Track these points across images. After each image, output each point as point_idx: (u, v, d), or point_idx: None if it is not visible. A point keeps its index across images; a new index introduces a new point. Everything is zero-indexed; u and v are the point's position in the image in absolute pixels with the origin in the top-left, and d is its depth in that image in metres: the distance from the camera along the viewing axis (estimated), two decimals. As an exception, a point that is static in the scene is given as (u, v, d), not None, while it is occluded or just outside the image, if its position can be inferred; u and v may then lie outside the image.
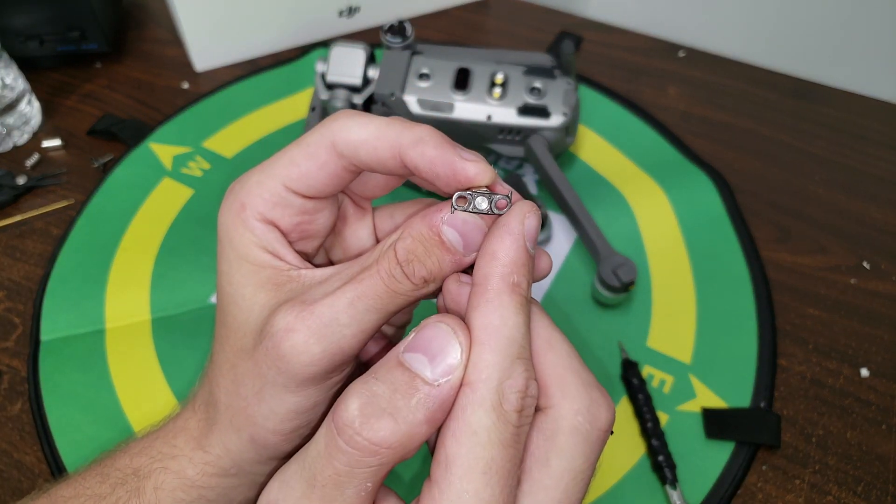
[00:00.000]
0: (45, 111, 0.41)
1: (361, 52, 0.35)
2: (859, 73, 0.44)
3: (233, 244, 0.15)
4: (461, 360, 0.12)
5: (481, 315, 0.13)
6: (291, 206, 0.15)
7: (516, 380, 0.12)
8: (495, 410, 0.12)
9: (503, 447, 0.12)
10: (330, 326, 0.14)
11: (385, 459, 0.12)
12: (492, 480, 0.12)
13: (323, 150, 0.15)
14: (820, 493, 0.27)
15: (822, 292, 0.33)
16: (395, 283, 0.14)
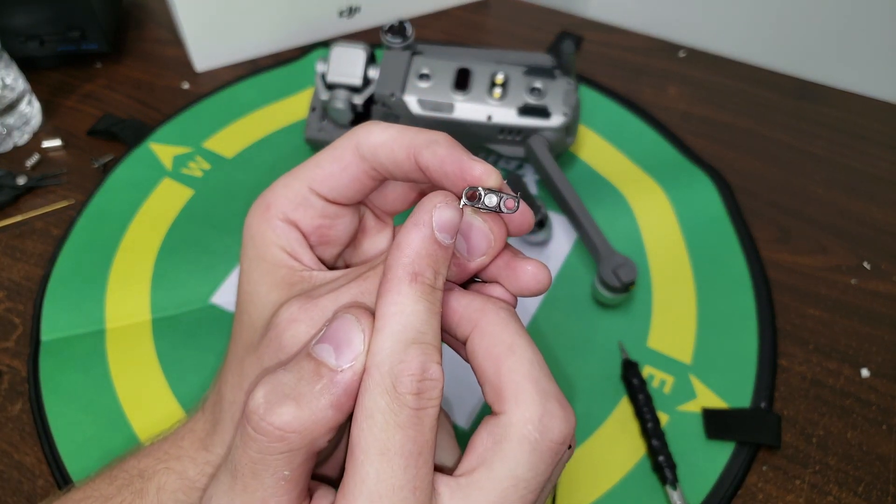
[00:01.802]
0: (46, 111, 0.41)
1: (362, 52, 0.35)
2: (860, 74, 0.44)
3: (254, 242, 0.16)
4: (363, 347, 0.13)
5: (380, 304, 0.13)
6: (313, 208, 0.16)
7: (409, 363, 0.13)
8: (388, 393, 0.12)
9: (400, 429, 0.12)
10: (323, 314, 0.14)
11: (294, 445, 0.12)
12: (392, 462, 0.12)
13: (347, 152, 0.15)
14: (820, 494, 0.27)
15: (822, 292, 0.33)
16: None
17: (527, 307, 0.32)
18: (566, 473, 0.27)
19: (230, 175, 0.37)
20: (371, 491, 0.12)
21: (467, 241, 0.14)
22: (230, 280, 0.32)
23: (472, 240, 0.14)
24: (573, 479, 0.27)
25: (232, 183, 0.37)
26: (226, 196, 0.37)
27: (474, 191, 0.14)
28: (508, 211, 0.14)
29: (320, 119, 0.37)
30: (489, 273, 0.15)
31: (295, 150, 0.39)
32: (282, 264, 0.15)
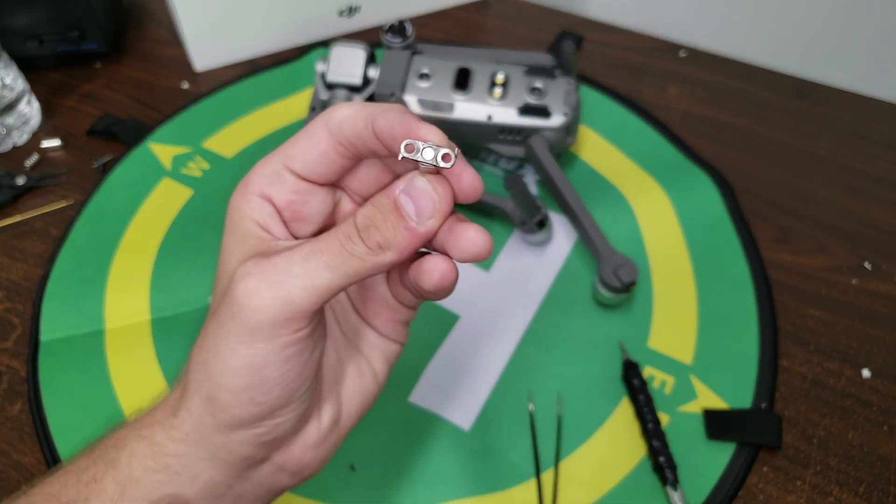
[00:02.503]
0: (45, 111, 0.41)
1: (361, 51, 0.35)
2: (860, 74, 0.44)
3: (231, 217, 0.17)
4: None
5: None
6: (287, 184, 0.17)
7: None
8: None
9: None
10: (282, 275, 0.15)
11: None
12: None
13: (318, 130, 0.16)
14: (821, 494, 0.27)
15: (823, 293, 0.33)
16: (350, 245, 0.15)
17: (527, 307, 0.32)
18: (568, 473, 0.27)
19: (230, 175, 0.37)
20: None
21: (414, 202, 0.15)
22: (230, 280, 0.32)
23: (418, 201, 0.15)
24: (574, 480, 0.27)
25: (231, 183, 0.37)
26: (225, 196, 0.36)
27: (413, 144, 0.14)
28: (445, 164, 0.14)
29: (320, 119, 0.37)
30: (437, 242, 0.16)
31: (295, 150, 0.39)
32: (252, 235, 0.16)
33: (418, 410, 0.28)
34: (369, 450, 0.27)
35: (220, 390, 0.15)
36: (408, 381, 0.29)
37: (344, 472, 0.26)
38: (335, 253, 0.15)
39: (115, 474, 0.16)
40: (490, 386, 0.29)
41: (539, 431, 0.28)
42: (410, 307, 0.18)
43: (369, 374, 0.18)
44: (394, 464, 0.27)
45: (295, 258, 0.15)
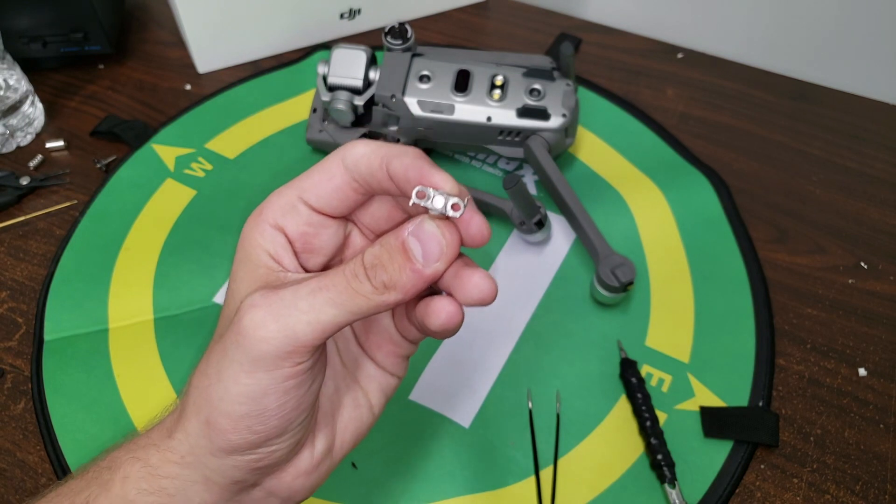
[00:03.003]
0: (49, 112, 0.42)
1: (363, 54, 0.35)
2: (857, 75, 0.44)
3: (243, 244, 0.17)
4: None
5: None
6: (300, 216, 0.17)
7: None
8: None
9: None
10: (288, 308, 0.15)
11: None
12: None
13: (334, 165, 0.17)
14: (818, 492, 0.27)
15: (819, 292, 0.33)
16: (357, 283, 0.15)
17: (526, 306, 0.32)
18: (566, 470, 0.27)
19: (232, 175, 0.38)
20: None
21: (422, 245, 0.15)
22: (232, 280, 0.33)
23: (426, 244, 0.15)
24: (572, 478, 0.27)
25: (234, 183, 0.37)
26: (228, 196, 0.37)
27: (424, 191, 0.15)
28: (454, 213, 0.15)
29: (321, 120, 0.37)
30: (443, 283, 0.16)
31: (296, 151, 0.39)
32: (262, 264, 0.17)
33: (419, 408, 0.29)
34: (370, 447, 0.27)
35: (219, 416, 0.15)
36: (408, 379, 0.29)
37: (345, 470, 0.27)
38: (341, 290, 0.15)
39: (109, 496, 0.16)
40: (489, 384, 0.29)
41: (538, 429, 0.28)
42: (413, 342, 0.19)
43: (365, 406, 0.18)
44: (394, 461, 0.27)
45: (301, 293, 0.15)
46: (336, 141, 0.37)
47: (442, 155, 0.39)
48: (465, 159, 0.39)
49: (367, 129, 0.37)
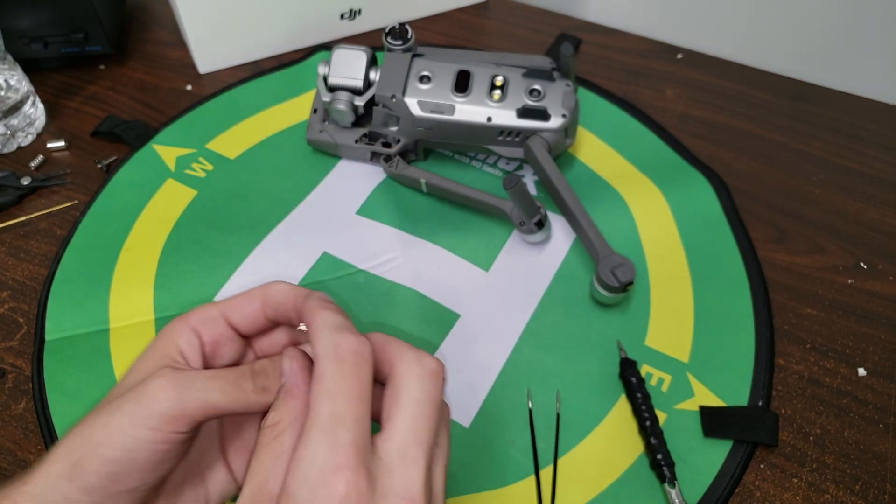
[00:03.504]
0: (50, 113, 0.42)
1: (363, 54, 0.35)
2: (856, 75, 0.44)
3: (161, 337, 0.20)
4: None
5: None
6: (217, 327, 0.21)
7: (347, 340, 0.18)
8: (333, 359, 0.17)
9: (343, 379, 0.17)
10: (187, 383, 0.18)
11: None
12: (337, 400, 0.17)
13: (257, 296, 0.21)
14: (817, 492, 0.27)
15: (819, 292, 0.34)
16: (243, 381, 0.19)
17: (526, 306, 0.32)
18: (566, 470, 0.27)
19: (233, 176, 0.38)
20: (322, 423, 0.16)
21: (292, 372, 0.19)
22: (234, 280, 0.33)
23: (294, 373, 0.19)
24: (572, 477, 0.27)
25: (235, 183, 0.38)
26: (229, 196, 0.37)
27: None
28: None
29: (322, 121, 0.38)
30: None
31: (297, 151, 0.39)
32: (170, 357, 0.19)
33: (419, 408, 0.29)
34: (370, 447, 0.27)
35: (92, 458, 0.17)
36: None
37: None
38: (230, 382, 0.18)
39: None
40: (489, 383, 0.29)
41: (538, 429, 0.28)
42: None
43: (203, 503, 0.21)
44: (394, 461, 0.27)
45: (200, 376, 0.18)
46: (336, 141, 0.37)
47: (442, 155, 0.39)
48: (465, 159, 0.39)
49: (367, 130, 0.37)
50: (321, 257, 0.34)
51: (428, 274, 0.33)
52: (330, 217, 0.36)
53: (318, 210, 0.36)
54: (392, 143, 0.36)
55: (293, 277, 0.33)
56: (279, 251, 0.34)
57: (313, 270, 0.33)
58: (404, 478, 0.16)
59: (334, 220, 0.36)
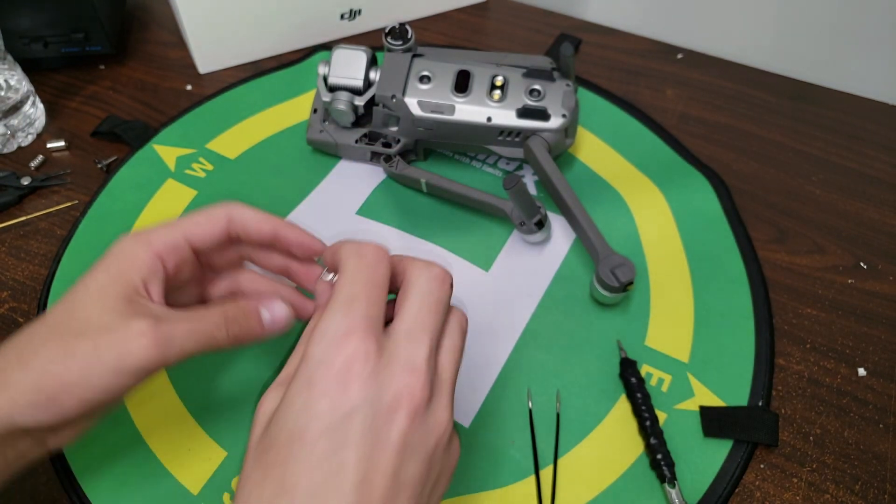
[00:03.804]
0: (50, 113, 0.42)
1: (363, 54, 0.35)
2: (856, 75, 0.44)
3: (119, 257, 0.20)
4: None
5: None
6: (182, 254, 0.21)
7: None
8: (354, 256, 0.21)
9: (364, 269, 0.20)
10: (168, 343, 0.19)
11: None
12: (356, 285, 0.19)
13: (222, 218, 0.22)
14: (817, 492, 0.27)
15: (819, 292, 0.34)
16: (217, 331, 0.20)
17: (526, 306, 0.32)
18: (566, 470, 0.27)
19: (233, 176, 0.38)
20: (340, 299, 0.18)
21: (272, 315, 0.22)
22: (232, 280, 0.33)
23: (276, 315, 0.22)
24: (572, 477, 0.27)
25: (235, 183, 0.38)
26: (229, 196, 0.37)
27: (324, 273, 0.23)
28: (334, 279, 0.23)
29: (322, 121, 0.38)
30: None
31: (297, 151, 0.39)
32: (132, 286, 0.20)
33: (418, 408, 0.29)
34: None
35: (68, 397, 0.19)
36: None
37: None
38: (206, 335, 0.20)
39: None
40: (489, 383, 0.29)
41: (538, 428, 0.28)
42: None
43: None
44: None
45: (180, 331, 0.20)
46: (336, 141, 0.37)
47: (442, 155, 0.39)
48: (465, 159, 0.39)
49: (367, 130, 0.37)
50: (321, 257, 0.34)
51: (428, 274, 0.33)
52: (330, 217, 0.36)
53: (318, 210, 0.36)
54: (392, 143, 0.36)
55: (293, 277, 0.33)
56: (279, 251, 0.34)
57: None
58: (408, 352, 0.18)
59: (334, 220, 0.36)
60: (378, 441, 0.17)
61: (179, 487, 0.26)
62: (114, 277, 0.20)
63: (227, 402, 0.29)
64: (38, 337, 0.19)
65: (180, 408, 0.28)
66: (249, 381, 0.29)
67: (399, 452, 0.17)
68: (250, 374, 0.29)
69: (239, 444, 0.27)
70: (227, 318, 0.21)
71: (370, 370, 0.17)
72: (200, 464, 0.27)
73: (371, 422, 0.17)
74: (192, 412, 0.28)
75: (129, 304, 0.19)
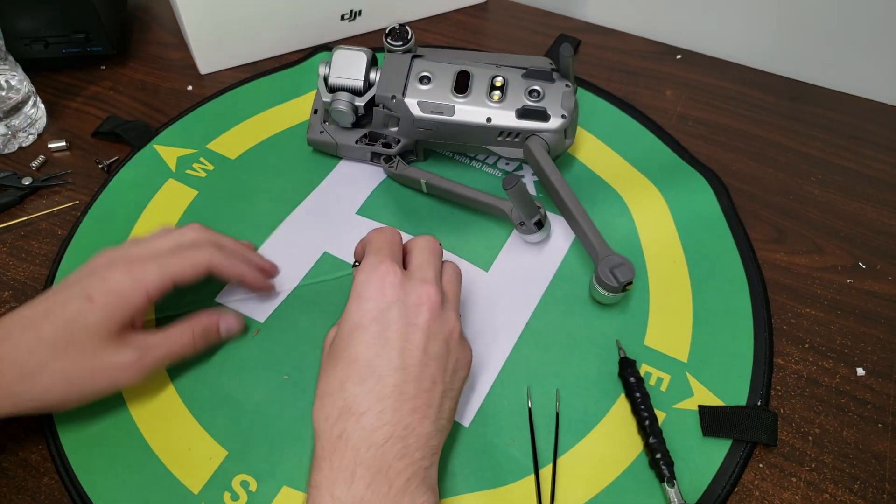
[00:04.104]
0: (51, 113, 0.42)
1: (363, 55, 0.35)
2: (855, 76, 0.44)
3: (122, 293, 0.25)
4: None
5: None
6: (165, 291, 0.26)
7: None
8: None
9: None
10: (149, 366, 0.26)
11: None
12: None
13: (203, 265, 0.28)
14: (816, 491, 0.27)
15: (818, 292, 0.34)
16: (187, 346, 0.28)
17: (526, 305, 0.32)
18: (566, 469, 0.27)
19: (234, 176, 0.38)
20: (370, 251, 0.27)
21: (228, 326, 0.30)
22: (233, 279, 0.33)
23: (231, 326, 0.30)
24: (572, 476, 0.27)
25: (236, 184, 0.38)
26: (230, 197, 0.37)
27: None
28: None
29: (322, 121, 0.38)
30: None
31: (297, 152, 0.39)
32: (129, 319, 0.26)
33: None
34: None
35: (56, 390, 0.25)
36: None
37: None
38: (185, 347, 0.28)
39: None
40: (489, 383, 0.30)
41: (538, 428, 0.28)
42: None
43: None
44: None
45: (161, 352, 0.27)
46: (336, 141, 0.37)
47: (442, 155, 0.39)
48: (464, 160, 0.39)
49: (367, 130, 0.37)
50: (321, 257, 0.34)
51: (428, 274, 0.33)
52: (330, 217, 0.36)
53: (318, 210, 0.36)
54: (392, 144, 0.36)
55: (293, 277, 0.33)
56: (280, 251, 0.34)
57: (314, 270, 0.33)
58: (421, 274, 0.26)
59: (335, 220, 0.36)
60: (410, 325, 0.24)
61: (180, 487, 0.26)
62: (111, 314, 0.25)
63: (228, 401, 0.29)
64: (40, 354, 0.24)
65: (181, 407, 0.28)
66: (250, 381, 0.29)
67: (426, 333, 0.24)
68: (251, 373, 0.30)
69: (239, 443, 0.27)
70: (194, 336, 0.28)
71: (398, 282, 0.25)
72: (201, 463, 0.27)
73: (404, 312, 0.24)
74: (192, 412, 0.28)
75: (119, 338, 0.25)
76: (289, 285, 0.33)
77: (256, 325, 0.31)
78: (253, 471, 0.27)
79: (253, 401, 0.29)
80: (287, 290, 0.32)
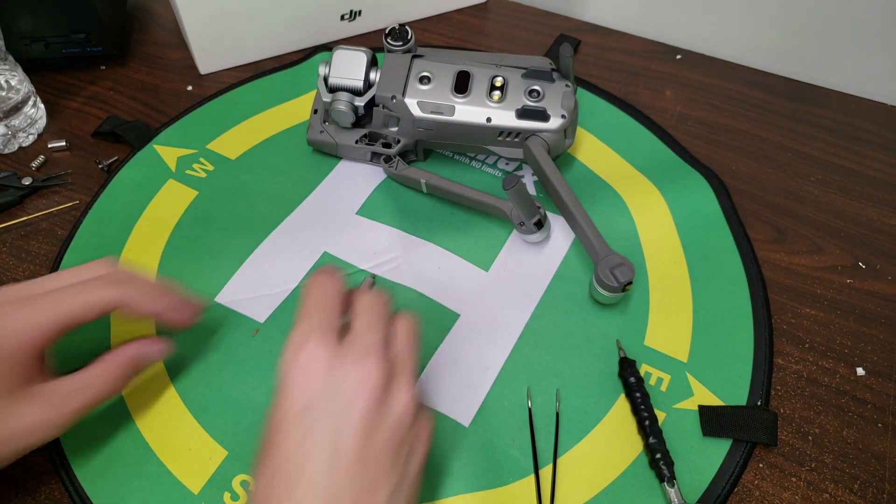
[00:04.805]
0: (51, 113, 0.42)
1: (363, 55, 0.35)
2: (855, 75, 0.44)
3: (12, 341, 0.23)
4: None
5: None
6: (66, 330, 0.24)
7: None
8: None
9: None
10: (64, 422, 0.24)
11: None
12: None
13: (113, 304, 0.25)
14: (816, 491, 0.27)
15: (818, 292, 0.34)
16: (107, 389, 0.25)
17: (526, 305, 0.32)
18: (566, 469, 0.27)
19: (234, 176, 0.38)
20: (300, 315, 0.23)
21: (144, 358, 0.27)
22: (234, 279, 0.33)
23: (147, 358, 0.27)
24: (572, 476, 0.27)
25: (236, 184, 0.38)
26: (230, 197, 0.37)
27: None
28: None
29: (322, 121, 0.38)
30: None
31: (297, 152, 0.39)
32: (22, 373, 0.23)
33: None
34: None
35: None
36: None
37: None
38: (102, 393, 0.25)
39: None
40: (489, 383, 0.30)
41: (538, 428, 0.28)
42: None
43: None
44: (394, 460, 0.27)
45: (78, 402, 0.24)
46: (336, 141, 0.37)
47: (442, 155, 0.39)
48: (464, 160, 0.39)
49: (367, 130, 0.37)
50: (321, 257, 0.34)
51: (428, 274, 0.33)
52: (330, 217, 0.36)
53: (318, 210, 0.36)
54: (392, 144, 0.36)
55: (293, 277, 0.33)
56: (280, 251, 0.34)
57: (314, 270, 0.33)
58: (362, 346, 0.22)
59: (334, 220, 0.36)
60: (342, 421, 0.21)
61: (180, 487, 0.26)
62: (8, 366, 0.22)
63: (228, 401, 0.29)
64: None
65: (181, 407, 0.28)
66: (250, 381, 0.29)
67: (363, 428, 0.21)
68: (251, 373, 0.30)
69: (239, 443, 0.27)
70: (115, 378, 0.25)
71: (327, 366, 0.21)
72: (201, 463, 0.27)
73: (335, 406, 0.21)
74: (192, 412, 0.28)
75: (22, 393, 0.23)
76: (289, 285, 0.33)
77: (256, 325, 0.31)
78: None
79: (253, 401, 0.29)
80: (287, 290, 0.32)
